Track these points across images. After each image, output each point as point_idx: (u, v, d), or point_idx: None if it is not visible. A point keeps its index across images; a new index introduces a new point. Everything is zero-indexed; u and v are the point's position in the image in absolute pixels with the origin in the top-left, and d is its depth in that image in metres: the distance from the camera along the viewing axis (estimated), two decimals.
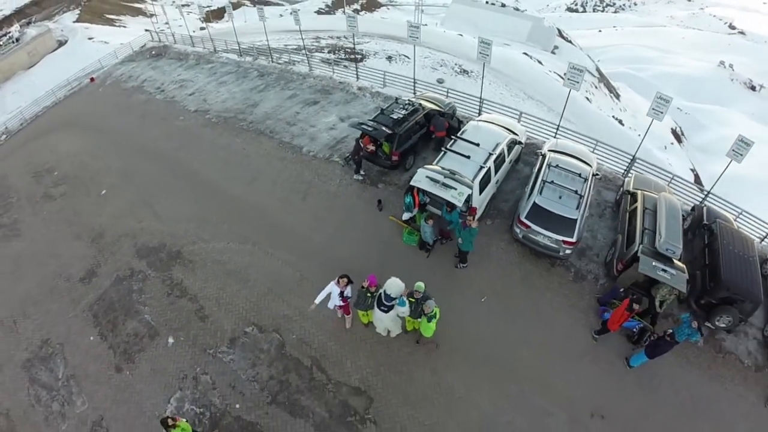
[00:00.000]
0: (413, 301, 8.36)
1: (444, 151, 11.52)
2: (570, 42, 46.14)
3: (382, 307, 8.41)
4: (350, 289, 8.91)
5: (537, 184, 10.60)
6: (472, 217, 9.77)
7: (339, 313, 9.76)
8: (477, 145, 11.41)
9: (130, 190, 15.54)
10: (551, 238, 10.09)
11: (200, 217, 13.54)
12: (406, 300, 8.32)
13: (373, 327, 9.40)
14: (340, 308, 9.32)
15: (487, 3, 46.59)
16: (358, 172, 13.50)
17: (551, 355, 9.40)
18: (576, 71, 12.67)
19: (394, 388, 9.03)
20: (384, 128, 12.43)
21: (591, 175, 11.17)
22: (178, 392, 9.56)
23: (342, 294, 8.81)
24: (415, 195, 10.90)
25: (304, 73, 20.76)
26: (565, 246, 10.09)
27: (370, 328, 9.62)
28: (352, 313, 9.61)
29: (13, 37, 41.05)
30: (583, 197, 10.27)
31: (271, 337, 10.12)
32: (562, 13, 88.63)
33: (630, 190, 11.52)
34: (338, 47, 31.69)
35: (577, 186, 10.42)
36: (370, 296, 8.53)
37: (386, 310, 8.42)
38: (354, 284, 8.94)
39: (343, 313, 9.70)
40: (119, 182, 16.07)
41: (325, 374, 9.34)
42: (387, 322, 8.91)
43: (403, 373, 9.22)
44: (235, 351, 10.02)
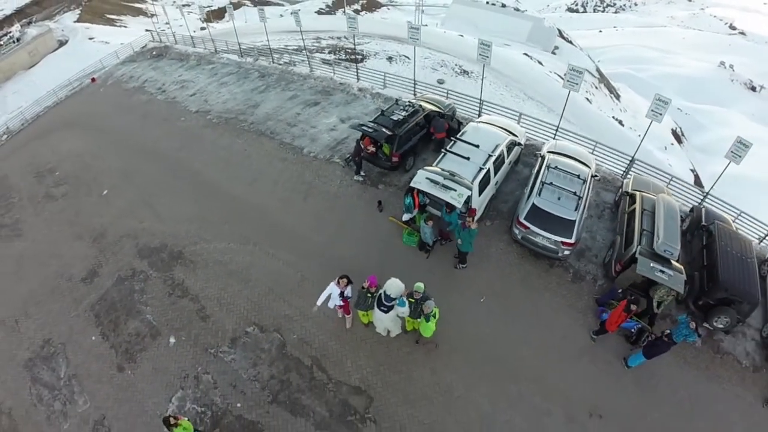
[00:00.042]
0: (413, 301, 8.40)
1: (444, 153, 11.55)
2: (570, 42, 46.12)
3: (382, 308, 8.46)
4: (350, 289, 8.96)
5: (536, 185, 10.63)
6: (472, 218, 9.77)
7: (339, 313, 9.81)
8: (476, 146, 11.44)
9: (132, 190, 15.54)
10: (550, 239, 10.11)
11: (201, 217, 13.55)
12: (405, 300, 8.36)
13: (373, 327, 9.43)
14: (340, 308, 9.37)
15: (487, 3, 46.53)
16: (358, 173, 13.53)
17: (550, 355, 9.43)
18: (575, 73, 12.63)
19: (394, 388, 9.07)
20: (384, 130, 12.46)
21: (590, 176, 11.20)
22: (179, 391, 9.59)
23: (342, 294, 8.86)
24: (415, 196, 10.92)
25: (304, 74, 20.73)
26: (563, 247, 10.12)
27: (370, 328, 9.66)
28: (352, 313, 9.65)
29: (13, 37, 40.97)
30: (581, 199, 10.30)
31: (272, 337, 10.16)
32: (563, 14, 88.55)
33: (629, 192, 11.54)
34: (339, 48, 31.69)
35: (576, 187, 10.45)
36: (370, 297, 8.59)
37: (386, 310, 8.46)
38: (354, 284, 8.98)
39: (343, 313, 9.75)
40: (121, 182, 16.06)
41: (326, 374, 9.38)
42: (387, 322, 8.95)
43: (403, 372, 9.26)
44: (237, 350, 10.06)
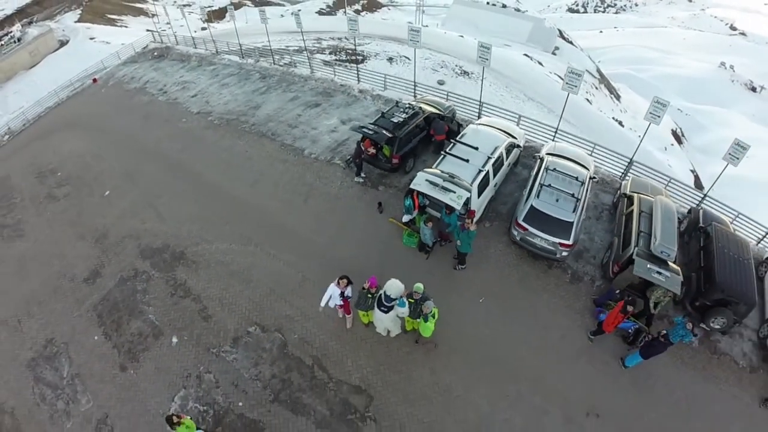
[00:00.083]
0: (412, 301, 8.48)
1: (443, 155, 11.61)
2: (571, 43, 46.16)
3: (382, 308, 8.54)
4: (350, 290, 9.05)
5: (535, 187, 10.69)
6: (471, 219, 9.84)
7: (340, 313, 9.91)
8: (476, 148, 11.50)
9: (134, 191, 15.60)
10: (548, 240, 10.18)
11: (203, 218, 13.61)
12: (405, 301, 8.44)
13: (374, 327, 9.51)
14: (340, 308, 9.46)
15: (488, 4, 46.58)
16: (359, 175, 13.59)
17: (548, 355, 9.50)
18: (574, 75, 12.69)
19: (394, 387, 9.14)
20: (384, 132, 12.51)
21: (588, 178, 11.27)
22: (182, 391, 9.67)
23: (342, 294, 8.96)
24: (415, 198, 10.99)
25: (305, 76, 20.78)
26: (561, 248, 10.18)
27: (370, 328, 9.74)
28: (352, 313, 9.74)
29: (14, 37, 41.03)
30: (579, 200, 10.37)
31: (273, 337, 10.24)
32: (563, 14, 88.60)
33: (627, 193, 11.60)
34: (339, 48, 31.76)
35: (574, 189, 10.51)
36: (370, 297, 8.67)
37: (386, 310, 8.54)
38: (354, 285, 9.07)
39: (344, 313, 9.84)
40: (123, 183, 16.13)
41: (326, 373, 9.46)
42: (387, 323, 9.03)
43: (403, 372, 9.34)
44: (238, 350, 10.13)
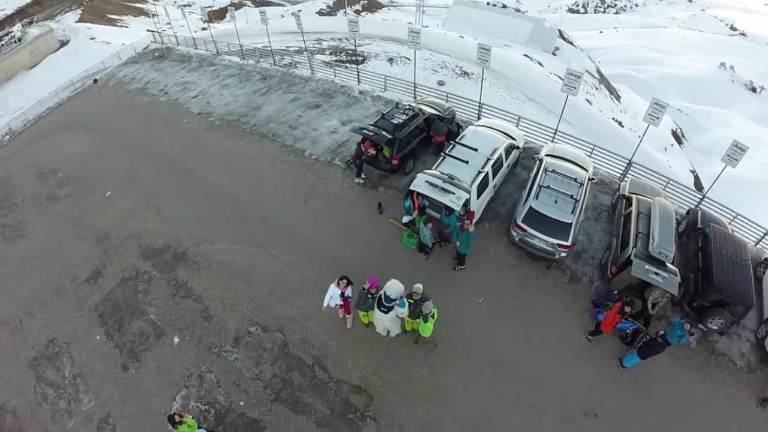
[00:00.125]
0: (412, 302, 8.54)
1: (443, 156, 11.66)
2: (571, 43, 46.23)
3: (382, 308, 8.60)
4: (350, 290, 9.13)
5: (533, 188, 10.75)
6: (470, 221, 9.91)
7: (340, 313, 9.99)
8: (475, 150, 11.55)
9: (135, 191, 15.64)
10: (547, 241, 10.24)
11: (204, 218, 13.66)
12: (405, 301, 8.50)
13: (374, 327, 9.57)
14: (340, 307, 9.54)
15: (488, 4, 46.62)
16: (359, 176, 13.65)
17: (546, 355, 9.56)
18: (573, 77, 12.74)
19: (394, 387, 9.21)
20: (385, 133, 12.57)
21: (587, 179, 11.33)
22: (183, 390, 9.72)
23: (343, 295, 9.03)
24: (415, 199, 11.05)
25: (306, 77, 20.81)
26: (560, 249, 10.24)
27: (370, 328, 9.81)
28: (353, 313, 9.81)
29: (15, 37, 41.09)
30: (578, 202, 10.44)
31: (274, 337, 10.30)
32: (563, 14, 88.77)
33: (625, 194, 11.66)
34: (340, 49, 31.83)
35: (573, 191, 10.57)
36: (370, 297, 8.73)
37: (386, 310, 8.61)
38: (354, 285, 9.14)
39: (344, 313, 9.92)
40: (124, 184, 16.16)
41: (327, 373, 9.53)
42: (387, 323, 9.09)
43: (402, 371, 9.40)
44: (240, 350, 10.19)
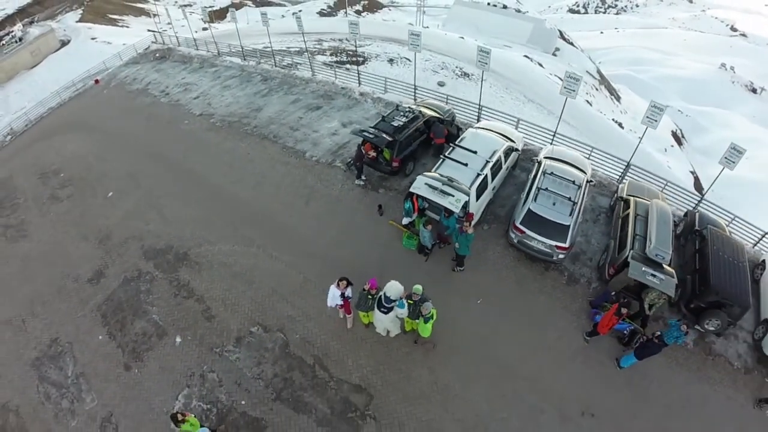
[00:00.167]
0: (412, 303, 8.64)
1: (442, 159, 11.73)
2: (571, 44, 46.26)
3: (382, 309, 8.71)
4: (350, 290, 9.23)
5: (532, 190, 10.83)
6: (469, 223, 10.00)
7: (341, 313, 10.10)
8: (475, 152, 11.62)
9: (137, 192, 15.71)
10: (545, 243, 10.33)
11: (206, 219, 13.74)
12: (405, 302, 8.60)
13: (374, 327, 9.67)
14: (341, 308, 9.64)
15: (488, 5, 46.63)
16: (359, 178, 13.73)
17: (544, 356, 9.66)
18: (572, 80, 12.83)
19: (393, 386, 9.30)
20: (385, 135, 12.65)
21: (585, 182, 11.40)
22: (185, 389, 9.82)
23: (343, 295, 9.14)
24: (415, 201, 11.12)
25: (306, 78, 20.86)
26: (558, 251, 10.33)
27: (370, 329, 9.90)
28: (353, 313, 9.91)
29: (15, 37, 41.16)
30: (576, 204, 10.53)
31: (275, 337, 10.39)
32: (564, 15, 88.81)
33: (623, 196, 11.72)
34: (340, 50, 31.91)
35: (571, 193, 10.66)
36: (370, 298, 8.84)
37: (386, 311, 8.71)
38: (355, 286, 9.23)
39: (344, 313, 10.02)
40: (125, 185, 16.23)
41: (327, 372, 9.62)
42: (386, 323, 9.18)
43: (402, 371, 9.50)
44: (241, 350, 10.29)
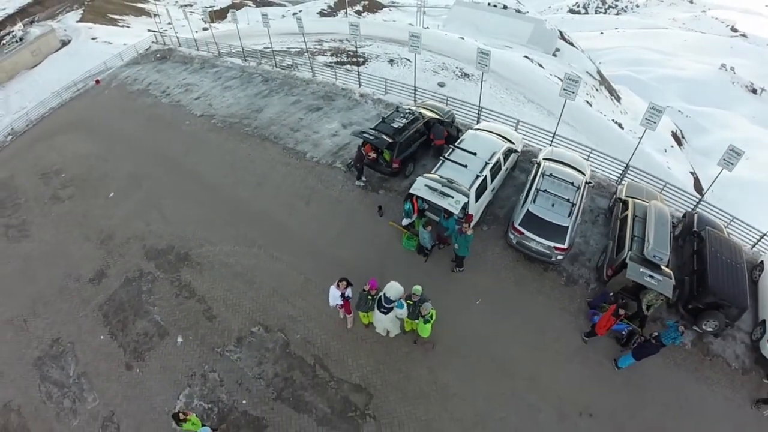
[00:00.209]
0: (411, 303, 8.72)
1: (442, 160, 11.77)
2: (571, 44, 46.24)
3: (382, 309, 8.78)
4: (350, 291, 9.30)
5: (531, 192, 10.89)
6: (468, 224, 10.06)
7: (341, 313, 10.17)
8: (474, 154, 11.66)
9: (138, 193, 15.77)
10: (544, 244, 10.39)
11: (207, 220, 13.80)
12: (404, 302, 8.67)
13: (374, 327, 9.74)
14: (341, 308, 9.72)
15: (489, 5, 46.65)
16: (359, 179, 13.78)
17: (543, 356, 9.72)
18: (572, 81, 12.88)
19: (393, 386, 9.38)
20: (385, 137, 12.70)
21: (584, 183, 11.44)
22: (187, 389, 9.89)
23: (343, 295, 9.21)
24: (414, 202, 11.17)
25: (307, 79, 20.88)
26: (556, 252, 10.39)
27: (370, 329, 9.97)
28: (353, 314, 9.98)
29: (16, 36, 41.25)
30: (575, 205, 10.58)
31: (276, 337, 10.46)
32: (564, 15, 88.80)
33: (622, 198, 11.78)
34: (341, 50, 31.94)
35: (570, 194, 10.71)
36: (370, 299, 8.92)
37: (386, 311, 8.78)
38: (355, 287, 9.30)
39: (345, 313, 10.09)
40: (127, 185, 16.30)
41: (328, 372, 9.70)
42: (386, 323, 9.25)
43: (402, 371, 9.57)
44: (242, 350, 10.36)
